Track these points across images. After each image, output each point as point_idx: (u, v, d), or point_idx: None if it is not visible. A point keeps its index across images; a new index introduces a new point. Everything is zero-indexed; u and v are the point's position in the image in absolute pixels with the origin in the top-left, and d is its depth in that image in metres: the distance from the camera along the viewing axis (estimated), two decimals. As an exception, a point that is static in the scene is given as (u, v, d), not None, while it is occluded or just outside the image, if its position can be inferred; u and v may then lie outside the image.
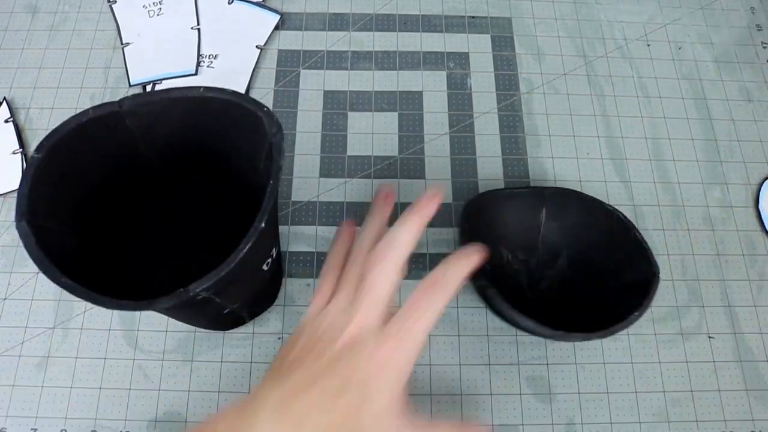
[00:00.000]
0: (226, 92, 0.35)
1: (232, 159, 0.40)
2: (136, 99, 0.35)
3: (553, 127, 0.55)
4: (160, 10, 0.59)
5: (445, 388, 0.45)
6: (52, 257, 0.30)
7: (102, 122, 0.34)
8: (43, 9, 0.59)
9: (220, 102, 0.35)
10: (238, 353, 0.46)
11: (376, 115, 0.55)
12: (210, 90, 0.35)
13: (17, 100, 0.55)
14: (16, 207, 0.31)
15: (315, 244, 0.50)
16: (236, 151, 0.39)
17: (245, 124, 0.35)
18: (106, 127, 0.35)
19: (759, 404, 0.46)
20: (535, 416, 0.45)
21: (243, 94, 0.35)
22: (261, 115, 0.34)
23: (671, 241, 0.51)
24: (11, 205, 0.50)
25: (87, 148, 0.35)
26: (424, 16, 0.60)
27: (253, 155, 0.37)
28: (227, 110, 0.35)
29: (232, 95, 0.35)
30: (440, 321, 0.47)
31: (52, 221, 0.33)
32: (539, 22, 0.60)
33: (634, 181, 0.53)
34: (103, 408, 0.44)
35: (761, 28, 0.61)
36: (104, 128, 0.35)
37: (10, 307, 0.47)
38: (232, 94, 0.35)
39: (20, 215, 0.31)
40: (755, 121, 0.56)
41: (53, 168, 0.33)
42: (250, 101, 0.34)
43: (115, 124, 0.35)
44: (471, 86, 0.56)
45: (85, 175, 0.36)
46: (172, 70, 0.56)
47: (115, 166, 0.37)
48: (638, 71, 0.58)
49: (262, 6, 0.59)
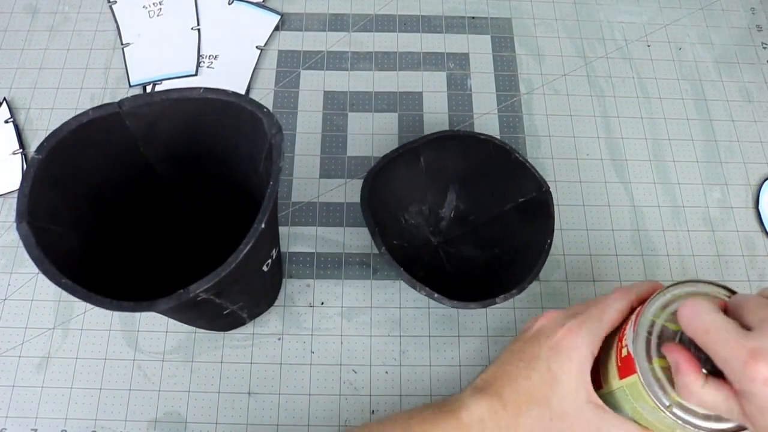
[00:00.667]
0: (226, 93, 0.35)
1: (232, 160, 0.40)
2: (136, 100, 0.35)
3: (553, 128, 0.55)
4: (160, 11, 0.59)
5: (445, 388, 0.45)
6: (53, 258, 0.30)
7: (102, 123, 0.34)
8: (43, 9, 0.59)
9: (221, 103, 0.35)
10: (238, 354, 0.46)
11: (376, 115, 0.55)
12: (210, 91, 0.35)
13: (17, 100, 0.55)
14: (17, 208, 0.31)
15: (315, 244, 0.50)
16: (236, 153, 0.39)
17: (245, 125, 0.35)
18: (106, 128, 0.35)
19: (759, 405, 0.45)
20: (535, 417, 0.45)
21: (243, 95, 0.35)
22: (261, 116, 0.34)
23: (671, 241, 0.51)
24: (11, 205, 0.50)
25: (87, 149, 0.35)
26: (424, 16, 0.60)
27: (253, 156, 0.37)
28: (227, 111, 0.35)
29: (233, 96, 0.35)
30: (440, 321, 0.47)
31: (52, 223, 0.33)
32: (539, 22, 0.60)
33: (634, 181, 0.53)
34: (103, 408, 0.44)
35: (761, 29, 0.61)
36: (104, 129, 0.35)
37: (10, 307, 0.47)
38: (233, 95, 0.35)
39: (20, 216, 0.31)
40: (755, 121, 0.56)
41: (54, 169, 0.33)
42: (251, 102, 0.34)
43: (115, 125, 0.35)
44: (471, 87, 0.56)
45: (85, 177, 0.36)
46: (172, 70, 0.56)
47: (116, 168, 0.37)
48: (638, 72, 0.58)
49: (262, 6, 0.59)
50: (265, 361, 0.46)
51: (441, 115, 0.55)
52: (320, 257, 0.49)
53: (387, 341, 0.47)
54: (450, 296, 0.42)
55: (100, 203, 0.38)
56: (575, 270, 0.49)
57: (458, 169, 0.49)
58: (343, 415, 0.44)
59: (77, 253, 0.34)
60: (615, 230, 0.51)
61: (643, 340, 0.34)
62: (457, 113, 0.55)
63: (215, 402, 0.44)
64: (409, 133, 0.54)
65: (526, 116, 0.55)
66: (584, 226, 0.51)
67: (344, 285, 0.48)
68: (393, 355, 0.46)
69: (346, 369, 0.46)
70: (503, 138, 0.54)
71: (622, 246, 0.50)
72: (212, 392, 0.45)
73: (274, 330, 0.47)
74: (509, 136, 0.54)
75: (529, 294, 0.48)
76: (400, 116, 0.55)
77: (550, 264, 0.49)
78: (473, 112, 0.55)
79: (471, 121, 0.55)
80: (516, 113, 0.55)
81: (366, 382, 0.45)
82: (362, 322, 0.47)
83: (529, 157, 0.53)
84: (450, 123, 0.54)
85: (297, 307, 0.47)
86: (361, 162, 0.53)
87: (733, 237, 0.51)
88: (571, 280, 0.49)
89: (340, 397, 0.45)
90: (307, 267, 0.49)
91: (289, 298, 0.48)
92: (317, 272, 0.49)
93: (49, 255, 0.30)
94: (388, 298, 0.48)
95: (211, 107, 0.35)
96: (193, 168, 0.41)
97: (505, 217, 0.48)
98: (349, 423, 0.44)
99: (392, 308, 0.48)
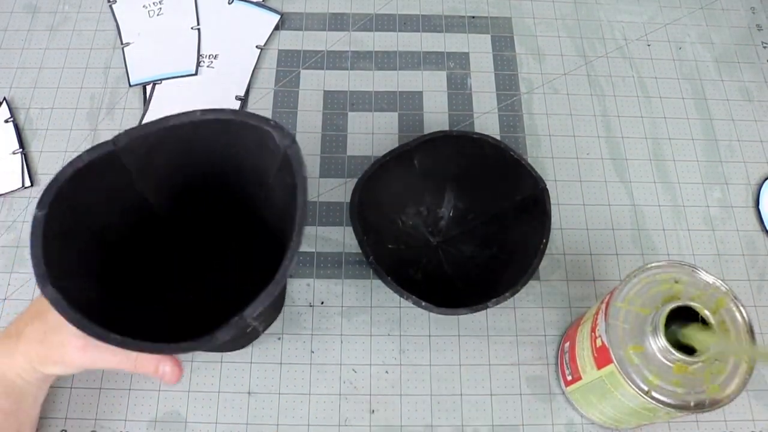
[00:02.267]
0: (225, 112, 0.33)
1: (233, 178, 0.38)
2: (131, 134, 0.33)
3: (553, 127, 0.55)
4: (160, 10, 0.59)
5: (445, 388, 0.45)
6: (85, 315, 0.29)
7: (98, 165, 0.33)
8: (43, 9, 0.59)
9: (220, 123, 0.33)
10: (237, 353, 0.46)
11: (376, 115, 0.55)
12: (208, 112, 0.33)
13: (17, 100, 0.55)
14: (35, 272, 0.29)
15: (315, 244, 0.50)
16: (239, 170, 0.37)
17: (248, 141, 0.34)
18: (101, 169, 0.33)
19: (759, 404, 0.45)
20: (535, 416, 0.45)
21: (244, 111, 0.33)
22: (269, 129, 0.32)
23: (671, 241, 0.51)
24: (11, 205, 0.50)
25: (85, 194, 0.33)
26: (424, 16, 0.60)
27: (259, 171, 0.36)
28: (227, 130, 0.34)
29: (233, 114, 0.33)
30: (440, 321, 0.47)
31: (68, 278, 0.31)
32: (539, 22, 0.60)
33: (634, 181, 0.53)
34: (103, 408, 0.44)
35: (761, 28, 0.61)
36: (100, 171, 0.33)
37: (10, 307, 0.47)
38: (233, 112, 0.33)
39: (42, 279, 0.29)
40: (755, 121, 0.56)
41: (58, 221, 0.31)
42: (254, 117, 0.33)
43: (110, 164, 0.33)
44: (471, 86, 0.56)
45: (88, 223, 0.34)
46: (172, 70, 0.56)
47: (115, 208, 0.36)
48: (638, 71, 0.58)
49: (262, 6, 0.59)
50: (265, 360, 0.46)
51: (441, 115, 0.55)
52: (320, 257, 0.49)
53: (387, 341, 0.47)
54: (449, 297, 0.42)
55: (104, 248, 0.36)
56: (575, 270, 0.49)
57: (454, 169, 0.49)
58: (343, 415, 0.44)
59: (95, 303, 0.32)
60: (615, 230, 0.51)
61: (615, 328, 0.35)
62: (457, 113, 0.55)
63: (215, 402, 0.44)
64: (409, 132, 0.54)
65: (526, 116, 0.55)
66: (584, 226, 0.51)
67: (344, 284, 0.48)
68: (393, 355, 0.46)
69: (346, 369, 0.46)
70: (503, 137, 0.54)
71: (622, 245, 0.50)
72: (212, 392, 0.45)
73: (273, 330, 0.47)
74: (509, 136, 0.54)
75: (529, 294, 0.48)
76: (400, 116, 0.55)
77: (551, 264, 0.49)
78: (473, 111, 0.55)
79: (471, 121, 0.55)
80: (516, 112, 0.55)
81: (366, 382, 0.45)
82: (362, 321, 0.47)
83: (529, 157, 0.53)
84: (450, 122, 0.54)
85: (297, 306, 0.47)
86: (361, 162, 0.53)
87: (733, 236, 0.51)
88: (571, 280, 0.49)
89: (340, 397, 0.45)
90: (307, 266, 0.49)
91: (289, 297, 0.48)
92: (317, 272, 0.49)
93: (82, 312, 0.29)
94: (388, 298, 0.48)
95: (209, 129, 0.34)
96: (190, 195, 0.39)
97: (503, 215, 0.48)
98: (349, 423, 0.44)
99: (392, 308, 0.48)
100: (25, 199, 0.51)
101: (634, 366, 0.33)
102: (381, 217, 0.48)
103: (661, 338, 0.32)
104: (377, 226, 0.47)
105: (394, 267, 0.44)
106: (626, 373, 0.33)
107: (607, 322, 0.35)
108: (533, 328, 0.47)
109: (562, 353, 0.44)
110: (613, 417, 0.40)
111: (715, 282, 0.35)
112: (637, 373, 0.33)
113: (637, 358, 0.33)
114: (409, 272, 0.47)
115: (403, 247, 0.48)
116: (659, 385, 0.33)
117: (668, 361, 0.33)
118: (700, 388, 0.33)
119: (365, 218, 0.45)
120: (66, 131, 0.53)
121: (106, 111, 0.54)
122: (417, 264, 0.48)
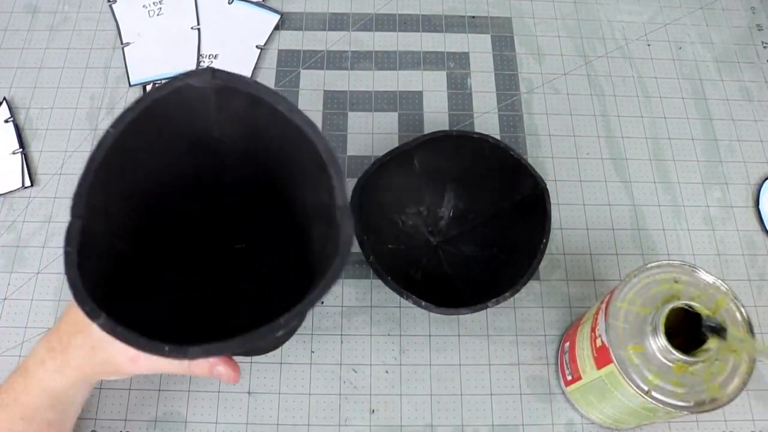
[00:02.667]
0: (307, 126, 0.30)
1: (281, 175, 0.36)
2: (229, 78, 0.29)
3: (553, 127, 0.55)
4: (160, 10, 0.59)
5: (445, 388, 0.45)
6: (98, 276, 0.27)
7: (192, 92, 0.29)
8: (43, 9, 0.59)
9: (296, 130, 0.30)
10: (238, 353, 0.46)
11: (376, 115, 0.55)
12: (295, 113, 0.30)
13: (17, 100, 0.55)
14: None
15: (315, 244, 0.50)
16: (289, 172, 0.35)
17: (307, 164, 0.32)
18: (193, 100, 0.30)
19: (759, 404, 0.45)
20: (535, 416, 0.45)
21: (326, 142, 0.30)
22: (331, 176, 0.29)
23: (671, 241, 0.51)
24: (11, 205, 0.50)
25: (165, 125, 0.30)
26: (424, 16, 0.60)
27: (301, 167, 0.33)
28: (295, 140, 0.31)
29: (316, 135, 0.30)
30: (440, 321, 0.47)
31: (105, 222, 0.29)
32: (539, 21, 0.60)
33: (634, 181, 0.53)
34: (103, 408, 0.44)
35: (761, 28, 0.61)
36: (191, 101, 0.30)
37: (10, 307, 0.47)
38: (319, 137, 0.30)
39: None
40: (755, 121, 0.56)
41: (127, 146, 0.28)
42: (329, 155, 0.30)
43: (202, 100, 0.30)
44: (471, 86, 0.56)
45: (150, 165, 0.31)
46: (172, 70, 0.56)
47: (183, 156, 0.33)
48: (638, 71, 0.58)
49: (262, 6, 0.59)
50: (265, 360, 0.46)
51: (441, 115, 0.55)
52: (320, 257, 0.49)
53: (387, 341, 0.47)
54: (449, 297, 0.42)
55: (150, 199, 0.33)
56: (575, 269, 0.49)
57: (454, 169, 0.49)
58: (343, 415, 0.44)
59: (123, 262, 0.30)
60: (615, 229, 0.51)
61: (615, 328, 0.35)
62: (457, 112, 0.55)
63: (215, 402, 0.44)
64: (409, 132, 0.54)
65: (526, 115, 0.55)
66: (584, 226, 0.51)
67: (344, 284, 0.48)
68: (393, 355, 0.46)
69: (346, 368, 0.46)
70: (503, 137, 0.54)
71: (622, 245, 0.50)
72: (212, 392, 0.45)
73: (274, 329, 0.46)
74: (509, 135, 0.54)
75: (530, 293, 0.48)
76: (400, 116, 0.55)
77: (551, 263, 0.49)
78: (473, 111, 0.55)
79: (471, 121, 0.55)
80: (516, 112, 0.55)
81: (366, 382, 0.45)
82: (362, 321, 0.47)
83: (530, 157, 0.53)
84: (450, 122, 0.54)
85: (297, 306, 0.47)
86: (361, 162, 0.53)
87: (733, 236, 0.51)
88: (571, 280, 0.49)
89: (340, 397, 0.45)
90: (307, 266, 0.49)
91: (289, 297, 0.48)
92: (317, 272, 0.49)
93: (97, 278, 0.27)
94: (388, 298, 0.48)
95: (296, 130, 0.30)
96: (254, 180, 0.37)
97: (503, 215, 0.48)
98: (349, 423, 0.44)
99: (392, 308, 0.48)
100: (25, 198, 0.51)
101: (634, 366, 0.33)
102: (381, 217, 0.48)
103: (661, 338, 0.32)
104: (377, 226, 0.46)
105: (394, 267, 0.44)
106: (626, 373, 0.33)
107: (607, 321, 0.34)
108: (533, 328, 0.47)
109: (562, 353, 0.44)
110: (613, 417, 0.40)
111: (715, 282, 0.35)
112: (637, 372, 0.33)
113: (637, 358, 0.33)
114: (409, 272, 0.46)
115: (403, 247, 0.48)
116: (659, 385, 0.33)
117: (668, 360, 0.33)
118: (700, 388, 0.33)
119: (365, 218, 0.45)
120: (66, 131, 0.53)
121: (106, 111, 0.54)
122: (417, 264, 0.48)
